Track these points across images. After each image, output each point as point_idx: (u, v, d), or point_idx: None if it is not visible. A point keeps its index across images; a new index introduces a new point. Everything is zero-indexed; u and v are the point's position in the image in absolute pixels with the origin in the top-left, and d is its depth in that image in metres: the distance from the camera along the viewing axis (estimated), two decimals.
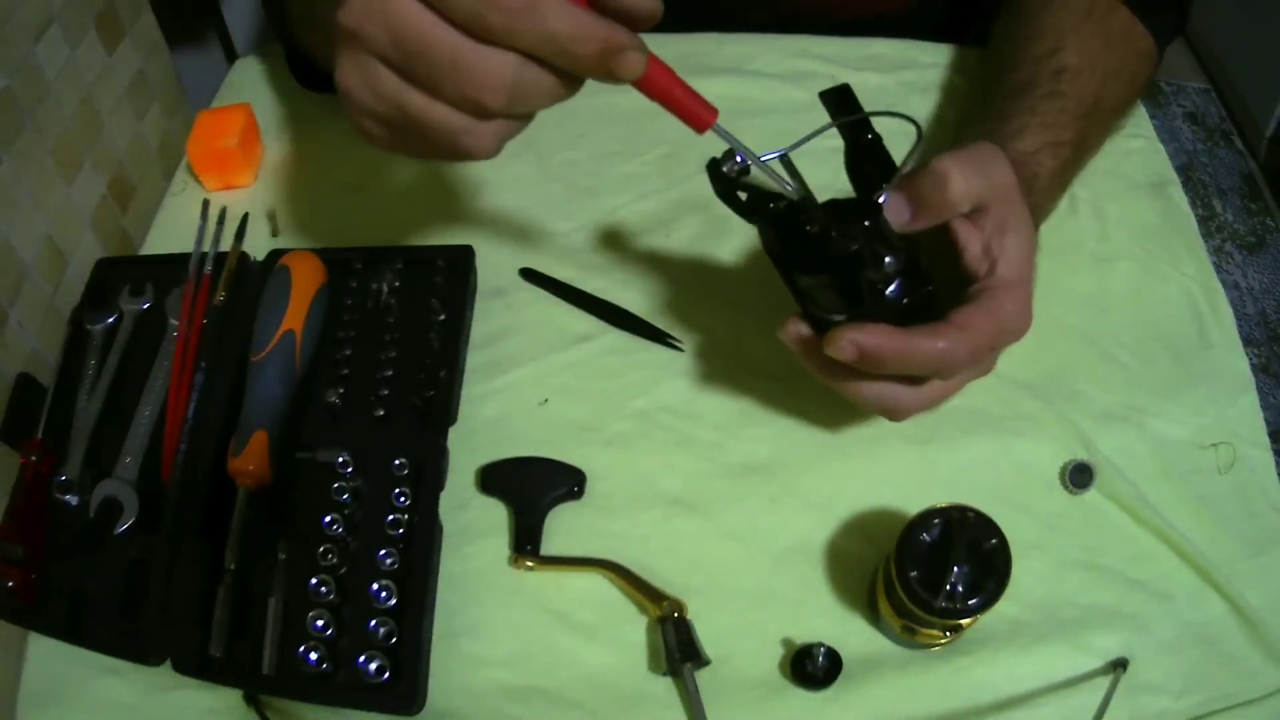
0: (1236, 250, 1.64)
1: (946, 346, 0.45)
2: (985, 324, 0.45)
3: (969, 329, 0.45)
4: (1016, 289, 0.47)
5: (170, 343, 0.59)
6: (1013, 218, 0.48)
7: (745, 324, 0.62)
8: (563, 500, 0.55)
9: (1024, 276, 0.47)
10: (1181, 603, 0.53)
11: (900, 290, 0.46)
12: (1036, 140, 0.56)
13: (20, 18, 0.59)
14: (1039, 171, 0.55)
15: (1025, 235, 0.48)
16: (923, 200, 0.47)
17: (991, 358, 0.49)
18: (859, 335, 0.45)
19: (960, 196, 0.47)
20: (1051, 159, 0.56)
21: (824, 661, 0.49)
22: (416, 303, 0.60)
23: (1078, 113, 0.58)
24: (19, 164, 0.59)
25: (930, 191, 0.47)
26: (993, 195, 0.47)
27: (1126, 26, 0.63)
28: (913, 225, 0.47)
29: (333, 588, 0.50)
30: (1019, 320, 0.47)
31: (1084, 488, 0.56)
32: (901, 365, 0.46)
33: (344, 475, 0.53)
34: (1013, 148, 0.56)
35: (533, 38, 0.36)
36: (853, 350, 0.45)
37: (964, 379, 0.49)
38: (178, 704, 0.50)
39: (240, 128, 0.68)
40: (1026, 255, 0.48)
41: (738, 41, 0.77)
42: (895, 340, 0.45)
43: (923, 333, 0.45)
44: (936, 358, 0.45)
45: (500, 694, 0.50)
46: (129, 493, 0.53)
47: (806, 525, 0.55)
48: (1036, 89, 0.59)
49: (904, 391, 0.48)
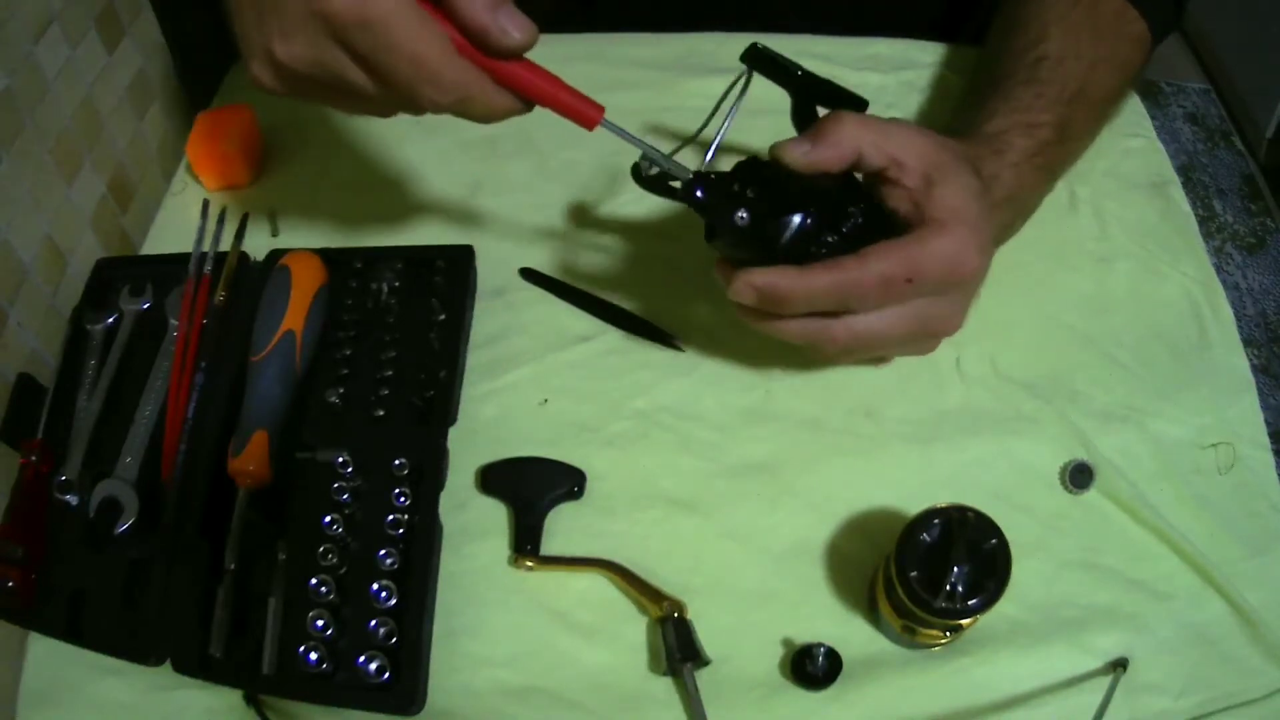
0: (1236, 250, 1.64)
1: (845, 275, 0.46)
2: (893, 255, 0.46)
3: (872, 257, 0.46)
4: (947, 227, 0.47)
5: (170, 343, 0.59)
6: (938, 173, 0.48)
7: (745, 324, 0.62)
8: (563, 500, 0.55)
9: (960, 218, 0.48)
10: (1181, 603, 0.53)
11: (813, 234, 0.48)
12: (1005, 122, 0.57)
13: (20, 18, 0.59)
14: (1005, 149, 0.55)
15: (958, 185, 0.48)
16: (817, 134, 0.48)
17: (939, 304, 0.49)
18: (752, 276, 0.47)
19: (851, 135, 0.47)
20: (1023, 138, 0.56)
21: (824, 661, 0.49)
22: (416, 303, 0.60)
23: (1058, 98, 0.58)
24: (19, 164, 0.59)
25: (825, 126, 0.48)
26: (903, 154, 0.48)
27: (1117, 12, 0.63)
28: (809, 157, 0.48)
29: (333, 588, 0.50)
30: (953, 258, 0.47)
31: (1084, 488, 0.56)
32: (804, 300, 0.47)
33: (344, 475, 0.53)
34: (978, 131, 0.56)
35: (458, 113, 0.45)
36: (750, 291, 0.47)
37: (898, 320, 0.49)
38: (178, 704, 0.50)
39: (240, 128, 0.68)
40: (963, 200, 0.48)
41: (738, 41, 0.77)
42: (789, 277, 0.46)
43: (821, 266, 0.46)
44: (837, 287, 0.46)
45: (500, 694, 0.50)
46: (129, 493, 0.53)
47: (806, 525, 0.55)
48: (1014, 78, 0.59)
49: (827, 323, 0.49)
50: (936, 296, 0.49)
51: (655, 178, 0.50)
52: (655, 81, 0.74)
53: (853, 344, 0.50)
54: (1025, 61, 0.60)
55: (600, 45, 0.76)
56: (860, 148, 0.48)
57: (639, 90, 0.73)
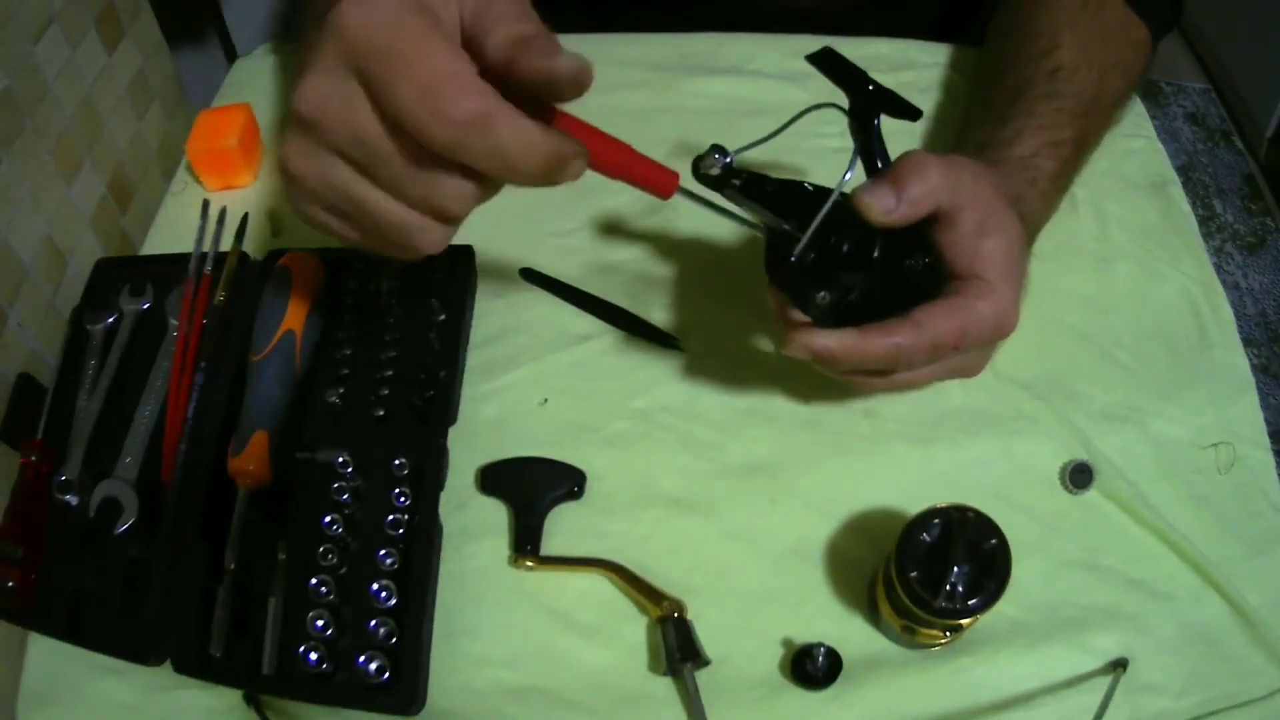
0: (1236, 250, 1.64)
1: (899, 342, 0.46)
2: (945, 322, 0.46)
3: (924, 326, 0.46)
4: (995, 289, 0.47)
5: (170, 343, 0.59)
6: (991, 221, 0.48)
7: (745, 324, 0.62)
8: (563, 500, 0.55)
9: (1006, 277, 0.47)
10: (1181, 603, 0.53)
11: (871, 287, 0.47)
12: (1034, 143, 0.56)
13: (20, 18, 0.59)
14: (1037, 176, 0.55)
15: (1007, 238, 0.48)
16: (905, 187, 0.46)
17: (971, 356, 0.50)
18: (812, 340, 0.46)
19: (936, 188, 0.46)
20: (1051, 160, 0.56)
21: (824, 661, 0.49)
22: (416, 303, 0.60)
23: (1076, 111, 0.58)
24: (19, 164, 0.59)
25: (911, 178, 0.46)
26: (964, 199, 0.47)
27: (1121, 18, 0.63)
28: (895, 215, 0.47)
29: (333, 588, 0.50)
30: (997, 320, 0.47)
31: (1084, 488, 0.56)
32: (857, 363, 0.47)
33: (344, 475, 0.53)
34: (1010, 153, 0.56)
35: (479, 151, 0.35)
36: (806, 353, 0.47)
37: (934, 372, 0.49)
38: (178, 704, 0.50)
39: (240, 128, 0.68)
40: (1008, 257, 0.48)
41: (738, 41, 0.77)
42: (847, 345, 0.46)
43: (877, 330, 0.46)
44: (892, 354, 0.46)
45: (500, 694, 0.50)
46: (129, 493, 0.53)
47: (806, 525, 0.55)
48: (1033, 89, 0.59)
49: (871, 379, 0.50)
50: (976, 350, 0.49)
51: (718, 177, 0.48)
52: (655, 81, 0.74)
53: (886, 390, 0.51)
54: (1043, 70, 0.60)
55: (600, 45, 0.76)
56: (940, 199, 0.47)
57: (639, 90, 0.73)
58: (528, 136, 0.35)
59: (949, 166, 0.47)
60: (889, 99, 0.52)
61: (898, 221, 0.47)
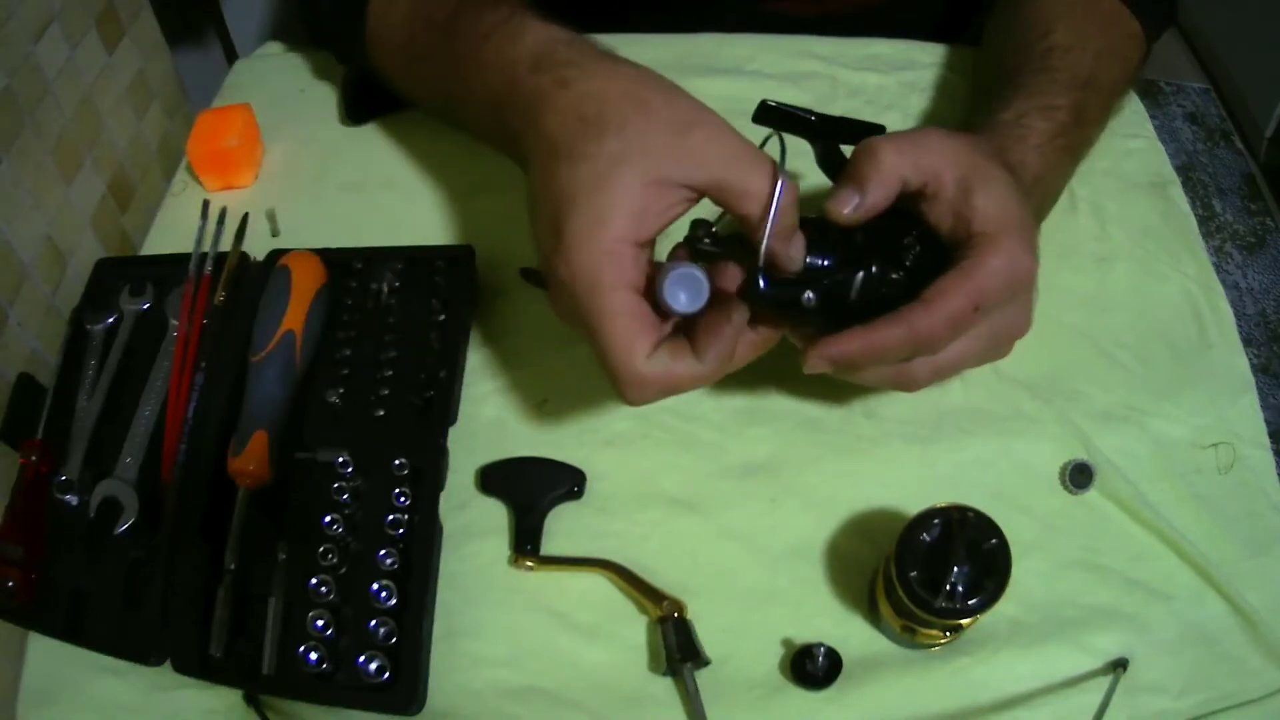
0: (1236, 250, 1.64)
1: (914, 328, 0.45)
2: (953, 290, 0.45)
3: (933, 301, 0.45)
4: (997, 240, 0.46)
5: (170, 343, 0.59)
6: (974, 178, 0.47)
7: None
8: (563, 500, 0.55)
9: (1005, 226, 0.46)
10: (1181, 603, 0.53)
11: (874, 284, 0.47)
12: (1023, 106, 0.56)
13: (20, 18, 0.59)
14: (1027, 134, 0.55)
15: (996, 189, 0.47)
16: (861, 179, 0.46)
17: (1005, 317, 0.48)
18: (824, 349, 0.46)
19: (891, 166, 0.46)
20: (1043, 120, 0.56)
21: (824, 661, 0.49)
22: (416, 303, 0.60)
23: (1070, 84, 0.58)
24: (19, 164, 0.59)
25: (865, 168, 0.46)
26: (936, 166, 0.47)
27: (1114, 10, 0.64)
28: (863, 207, 0.46)
29: (333, 588, 0.50)
30: (1011, 270, 0.46)
31: (1084, 488, 0.56)
32: (878, 358, 0.46)
33: (344, 475, 0.53)
34: (995, 119, 0.56)
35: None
36: (825, 365, 0.47)
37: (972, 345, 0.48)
38: (178, 704, 0.50)
39: (240, 128, 0.68)
40: (1001, 206, 0.47)
41: (738, 42, 0.77)
42: (859, 341, 0.45)
43: (885, 320, 0.45)
44: (909, 340, 0.45)
45: (500, 694, 0.50)
46: (129, 493, 0.53)
47: (806, 525, 0.55)
48: (1027, 68, 0.59)
49: (904, 367, 0.49)
50: (1003, 308, 0.48)
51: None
52: None
53: (935, 378, 0.49)
54: (1035, 52, 0.60)
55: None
56: (902, 175, 0.46)
57: None
58: (697, 379, 0.46)
59: (902, 142, 0.47)
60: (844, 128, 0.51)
61: (867, 212, 0.46)
